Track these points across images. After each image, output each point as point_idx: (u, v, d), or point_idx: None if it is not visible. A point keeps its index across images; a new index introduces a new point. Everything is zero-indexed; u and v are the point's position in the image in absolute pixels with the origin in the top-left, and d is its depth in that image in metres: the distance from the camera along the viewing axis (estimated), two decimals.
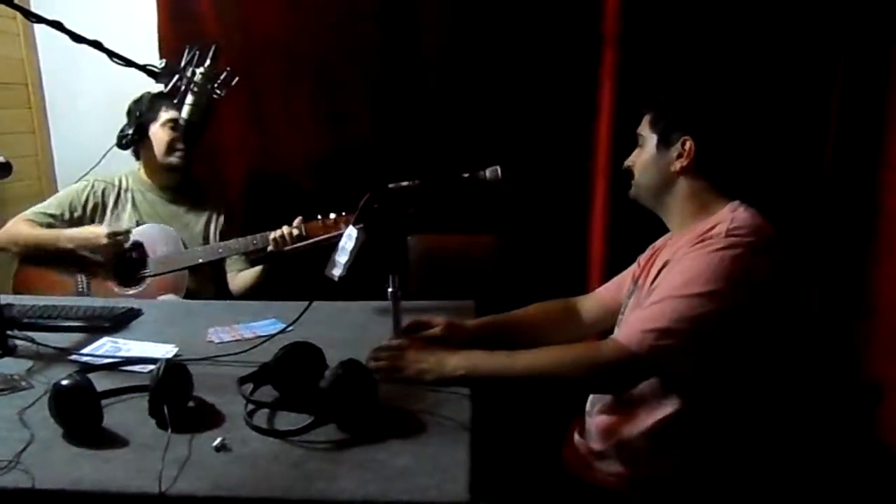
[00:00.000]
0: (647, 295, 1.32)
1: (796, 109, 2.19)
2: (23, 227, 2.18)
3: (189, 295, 2.17)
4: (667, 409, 1.28)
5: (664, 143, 1.37)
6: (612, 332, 1.50)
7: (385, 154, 2.46)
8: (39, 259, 2.17)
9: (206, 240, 2.29)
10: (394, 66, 2.44)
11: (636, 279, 1.48)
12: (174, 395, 1.16)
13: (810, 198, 2.19)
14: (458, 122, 2.42)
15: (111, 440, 1.11)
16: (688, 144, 1.34)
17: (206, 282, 2.27)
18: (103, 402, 1.16)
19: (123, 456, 1.07)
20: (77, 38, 1.51)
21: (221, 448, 1.09)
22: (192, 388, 1.21)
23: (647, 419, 1.30)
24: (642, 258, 1.54)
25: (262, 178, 2.59)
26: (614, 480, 1.35)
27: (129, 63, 1.57)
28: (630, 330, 1.23)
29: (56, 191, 2.65)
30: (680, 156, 1.35)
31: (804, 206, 2.20)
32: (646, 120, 1.42)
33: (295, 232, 2.06)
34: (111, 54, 1.55)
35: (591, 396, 1.45)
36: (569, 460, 1.46)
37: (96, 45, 1.53)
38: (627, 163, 1.45)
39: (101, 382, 1.21)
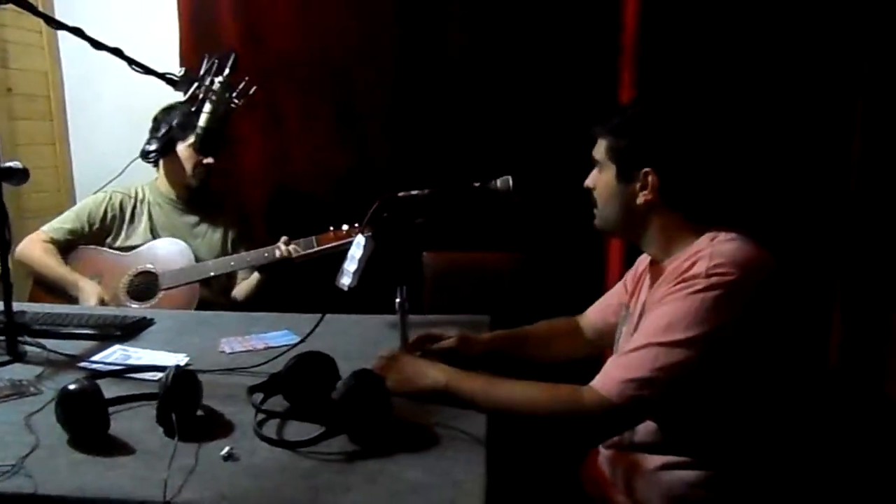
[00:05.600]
0: (638, 322, 1.27)
1: (819, 125, 2.16)
2: (38, 250, 2.17)
3: (201, 305, 2.16)
4: (673, 455, 1.22)
5: (624, 175, 1.26)
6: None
7: (402, 166, 2.45)
8: (45, 284, 2.18)
9: (223, 250, 2.29)
10: (411, 79, 2.44)
11: (626, 303, 1.43)
12: (182, 403, 1.14)
13: (836, 217, 2.15)
14: (476, 135, 2.42)
15: (117, 447, 1.09)
16: (650, 178, 1.23)
17: (217, 293, 2.26)
18: (111, 409, 1.14)
19: (129, 463, 1.05)
20: (97, 45, 1.51)
21: (229, 457, 1.06)
22: (200, 397, 1.18)
23: (653, 461, 1.24)
24: (629, 280, 1.48)
25: (281, 192, 2.60)
26: None
27: (148, 71, 1.58)
28: (610, 379, 1.16)
29: (75, 202, 2.67)
30: (643, 188, 1.24)
31: (829, 224, 2.16)
32: (600, 143, 1.30)
33: (292, 250, 2.08)
34: (131, 62, 1.56)
35: None
36: (588, 479, 1.42)
37: (116, 52, 1.53)
38: (588, 184, 1.35)
39: (109, 390, 1.19)
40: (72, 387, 1.09)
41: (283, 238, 2.13)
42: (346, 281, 1.39)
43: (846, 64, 2.11)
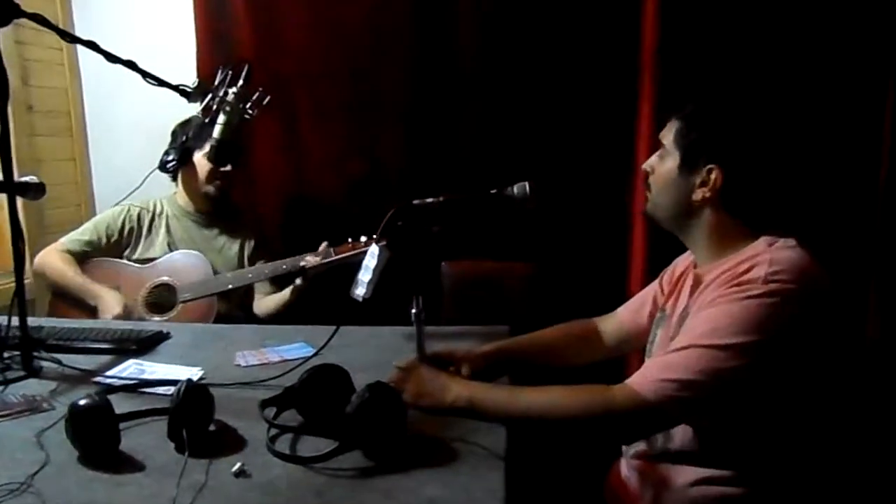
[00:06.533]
0: (678, 326, 1.22)
1: (848, 132, 2.11)
2: (56, 259, 2.18)
3: (218, 318, 2.14)
4: (710, 469, 1.17)
5: (687, 166, 1.21)
6: (634, 354, 1.40)
7: (417, 174, 2.43)
8: (64, 296, 2.18)
9: (240, 263, 2.28)
10: (426, 87, 2.42)
11: (662, 305, 1.37)
12: (194, 418, 1.11)
13: (865, 224, 2.09)
14: (492, 142, 2.39)
15: (127, 464, 1.07)
16: (713, 175, 1.18)
17: (235, 307, 2.25)
18: (123, 424, 1.12)
19: (138, 480, 1.03)
20: (112, 58, 1.51)
21: (240, 474, 1.03)
22: (213, 411, 1.16)
23: (687, 474, 1.19)
24: (664, 281, 1.43)
25: (297, 203, 2.58)
26: None
27: (161, 83, 1.58)
28: (648, 377, 1.11)
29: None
30: (704, 184, 1.19)
31: (860, 232, 2.10)
32: (671, 128, 1.25)
33: (309, 262, 2.06)
34: (145, 74, 1.56)
35: None
36: (611, 493, 1.37)
37: (130, 65, 1.54)
38: (646, 167, 1.30)
39: (121, 405, 1.18)
40: (82, 403, 1.07)
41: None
42: (360, 292, 1.36)
43: (873, 66, 2.05)
